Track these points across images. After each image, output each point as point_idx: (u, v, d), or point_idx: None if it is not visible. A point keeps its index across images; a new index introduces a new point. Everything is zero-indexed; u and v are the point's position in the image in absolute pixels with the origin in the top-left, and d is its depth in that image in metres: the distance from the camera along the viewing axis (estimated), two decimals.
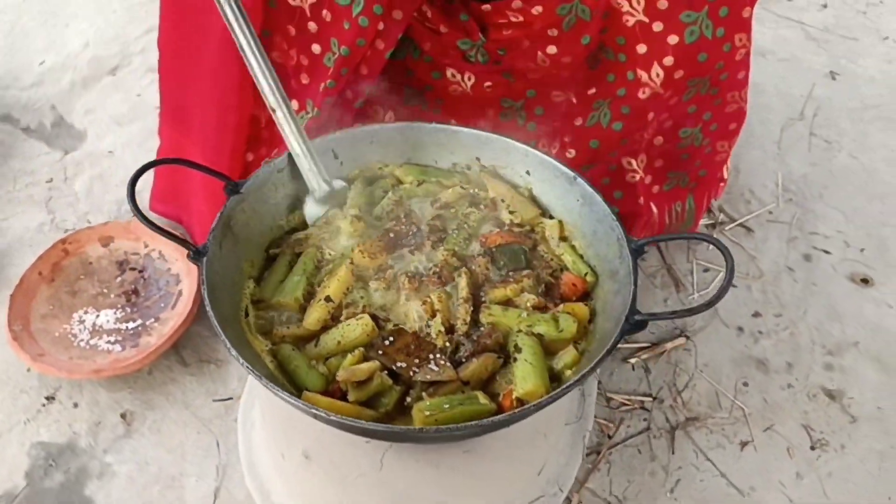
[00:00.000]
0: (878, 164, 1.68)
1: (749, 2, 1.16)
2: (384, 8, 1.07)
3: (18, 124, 1.66)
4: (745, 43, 1.21)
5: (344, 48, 1.09)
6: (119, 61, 1.78)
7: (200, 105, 1.16)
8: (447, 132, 1.03)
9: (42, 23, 1.85)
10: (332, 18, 1.09)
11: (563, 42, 1.16)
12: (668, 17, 1.14)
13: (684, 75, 1.19)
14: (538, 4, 1.16)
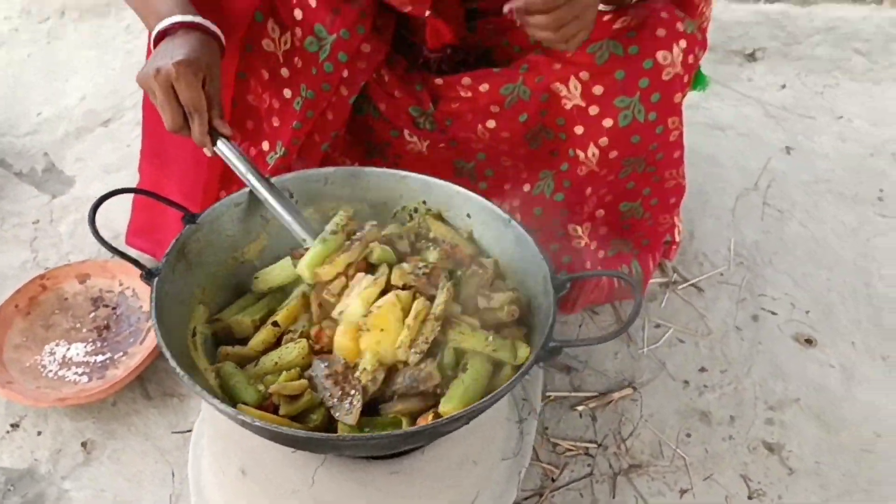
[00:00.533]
0: (827, 234, 1.75)
1: (680, 88, 1.26)
2: (349, 56, 1.18)
3: (11, 169, 1.76)
4: (677, 125, 1.30)
5: (310, 91, 1.19)
6: (112, 114, 1.89)
7: (178, 143, 1.26)
8: (396, 177, 1.11)
9: (44, 77, 1.97)
10: (302, 65, 1.19)
11: (502, 118, 1.26)
12: (603, 101, 1.24)
13: (618, 155, 1.28)
14: (485, 82, 1.26)
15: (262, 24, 1.20)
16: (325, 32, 1.18)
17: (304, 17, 1.18)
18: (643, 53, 1.21)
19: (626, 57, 1.21)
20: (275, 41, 1.20)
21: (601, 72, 1.22)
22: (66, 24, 2.12)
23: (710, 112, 2.06)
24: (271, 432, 0.78)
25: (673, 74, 1.23)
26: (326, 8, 1.18)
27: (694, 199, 1.77)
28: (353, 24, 1.18)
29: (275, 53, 1.21)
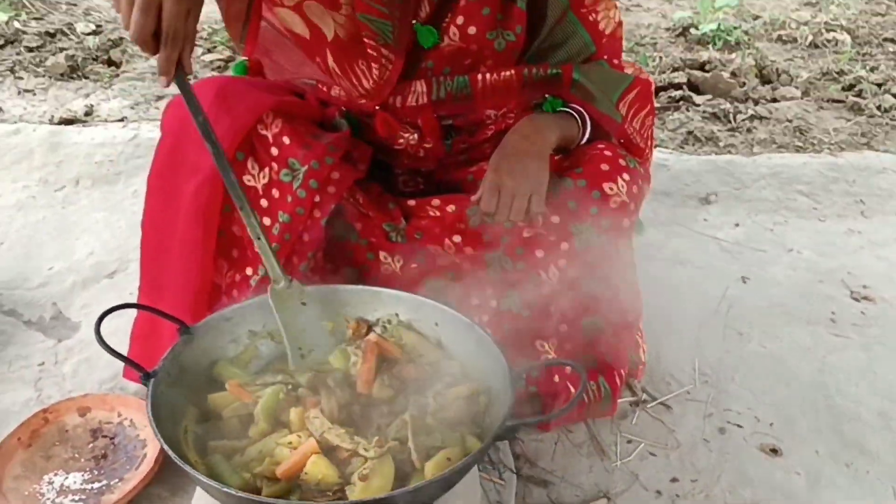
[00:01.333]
0: (784, 353, 1.87)
1: (627, 215, 1.42)
2: (319, 183, 1.35)
3: (21, 318, 1.89)
4: (629, 247, 1.46)
5: (286, 216, 1.35)
6: (118, 266, 2.05)
7: (172, 272, 1.40)
8: (371, 292, 1.25)
9: (56, 237, 2.15)
10: (279, 194, 1.36)
11: (467, 235, 1.42)
12: (559, 228, 1.40)
13: (576, 275, 1.43)
14: (452, 204, 1.44)
15: (242, 162, 1.37)
16: (297, 164, 1.36)
17: (280, 153, 1.37)
18: (590, 185, 1.39)
19: (576, 189, 1.39)
20: (254, 176, 1.38)
21: (556, 204, 1.39)
22: (79, 192, 2.33)
23: (671, 249, 2.23)
24: (252, 502, 0.87)
25: (619, 202, 1.40)
26: (298, 144, 1.36)
27: (659, 324, 1.90)
28: (322, 156, 1.37)
29: (255, 187, 1.38)
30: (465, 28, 1.40)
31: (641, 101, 1.56)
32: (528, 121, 1.43)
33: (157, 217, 1.44)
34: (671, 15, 4.03)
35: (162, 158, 1.42)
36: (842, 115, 3.03)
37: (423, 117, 1.48)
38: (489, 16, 1.40)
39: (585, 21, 1.47)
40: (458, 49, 1.42)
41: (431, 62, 1.44)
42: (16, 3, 3.38)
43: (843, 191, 2.46)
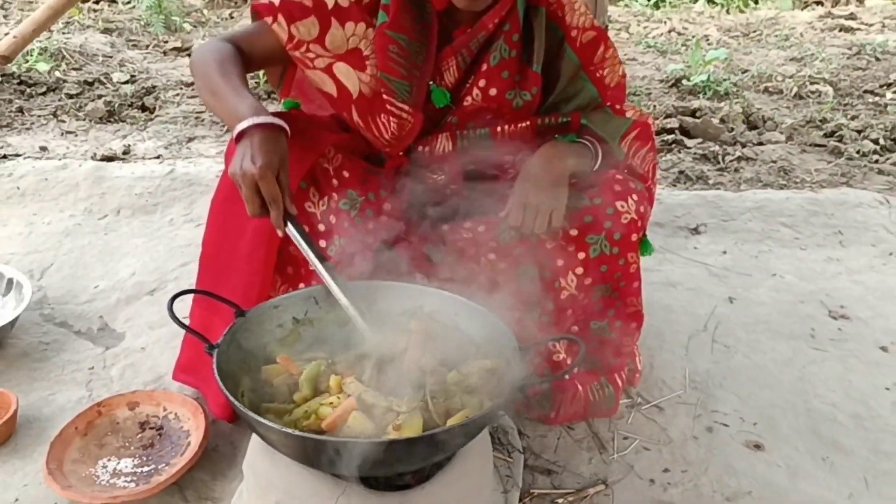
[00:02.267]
0: (767, 364, 2.04)
1: (636, 230, 1.61)
2: (374, 213, 1.56)
3: (72, 329, 2.08)
4: (635, 260, 1.64)
5: (343, 240, 1.52)
6: (157, 285, 2.24)
7: (231, 284, 1.57)
8: (399, 288, 1.44)
9: (101, 259, 2.35)
10: (336, 221, 1.54)
11: (500, 252, 1.61)
12: (577, 240, 1.59)
13: (592, 282, 1.62)
14: (482, 225, 1.63)
15: (305, 190, 1.55)
16: (356, 195, 1.55)
17: (340, 184, 1.56)
18: (605, 203, 1.58)
19: (592, 206, 1.59)
20: (314, 203, 1.55)
21: (574, 217, 1.58)
22: (120, 220, 2.53)
23: (663, 273, 2.42)
24: (295, 437, 1.05)
25: (629, 219, 1.59)
26: (357, 178, 1.57)
27: (653, 339, 2.08)
28: (378, 189, 1.58)
29: (315, 213, 1.56)
30: (487, 90, 1.61)
31: (642, 140, 1.74)
32: (548, 147, 1.62)
33: (220, 236, 1.60)
34: (665, 67, 4.30)
35: (227, 184, 1.57)
36: (823, 157, 3.25)
37: (448, 165, 1.67)
38: (508, 79, 1.62)
39: (593, 77, 1.69)
40: (480, 108, 1.63)
41: (456, 118, 1.65)
42: (56, 55, 3.64)
43: (822, 223, 2.66)
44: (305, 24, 1.53)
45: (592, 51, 1.68)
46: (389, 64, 1.56)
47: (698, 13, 5.86)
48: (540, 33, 1.63)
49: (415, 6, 1.58)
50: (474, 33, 1.59)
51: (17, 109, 3.18)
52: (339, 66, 1.56)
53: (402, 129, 1.60)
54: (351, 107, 1.59)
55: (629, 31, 5.25)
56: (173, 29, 4.37)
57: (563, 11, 1.65)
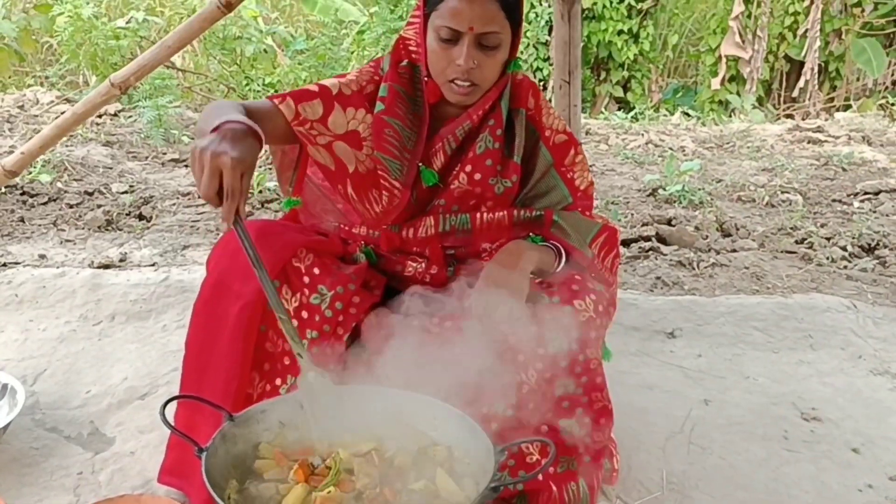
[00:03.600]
0: (742, 465, 2.10)
1: (595, 329, 1.69)
2: (343, 305, 1.65)
3: (63, 434, 2.12)
4: (595, 355, 1.72)
5: (314, 332, 1.63)
6: (148, 390, 2.30)
7: (212, 383, 1.66)
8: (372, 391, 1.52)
9: (94, 364, 2.41)
10: (308, 315, 1.65)
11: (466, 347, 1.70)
12: (537, 337, 1.68)
13: (552, 376, 1.69)
14: (450, 321, 1.73)
15: (278, 289, 1.64)
16: (325, 290, 1.67)
17: (311, 281, 1.68)
18: (563, 302, 1.68)
19: (551, 304, 1.69)
20: (287, 300, 1.67)
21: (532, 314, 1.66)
22: (114, 326, 2.61)
23: (640, 376, 2.50)
24: None
25: (587, 317, 1.68)
26: (327, 273, 1.68)
27: (630, 441, 2.14)
28: (346, 283, 1.68)
29: (287, 310, 1.65)
30: (472, 175, 1.78)
31: (609, 245, 1.90)
32: (514, 244, 1.76)
33: (201, 336, 1.70)
34: (642, 178, 4.50)
35: (208, 288, 1.69)
36: (794, 264, 3.39)
37: (430, 247, 1.81)
38: (491, 167, 1.79)
39: (564, 178, 1.87)
40: (465, 191, 1.79)
41: (443, 200, 1.80)
42: (59, 167, 3.80)
43: (793, 327, 2.76)
44: (312, 104, 1.71)
45: (564, 152, 1.87)
46: (384, 145, 1.73)
47: (674, 125, 6.14)
48: (521, 130, 1.83)
49: (409, 99, 1.77)
50: (460, 122, 1.78)
51: (18, 219, 3.30)
52: (338, 145, 1.73)
53: (391, 203, 1.75)
54: (346, 180, 1.76)
55: (608, 143, 5.50)
56: (172, 141, 4.57)
57: (539, 115, 1.87)
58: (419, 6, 1.76)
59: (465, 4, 1.65)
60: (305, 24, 8.72)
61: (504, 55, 1.73)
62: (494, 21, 1.67)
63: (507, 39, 1.72)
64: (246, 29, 5.81)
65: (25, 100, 5.27)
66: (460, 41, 1.67)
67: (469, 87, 1.71)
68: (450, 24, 1.66)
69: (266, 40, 6.81)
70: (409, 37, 1.80)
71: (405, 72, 1.78)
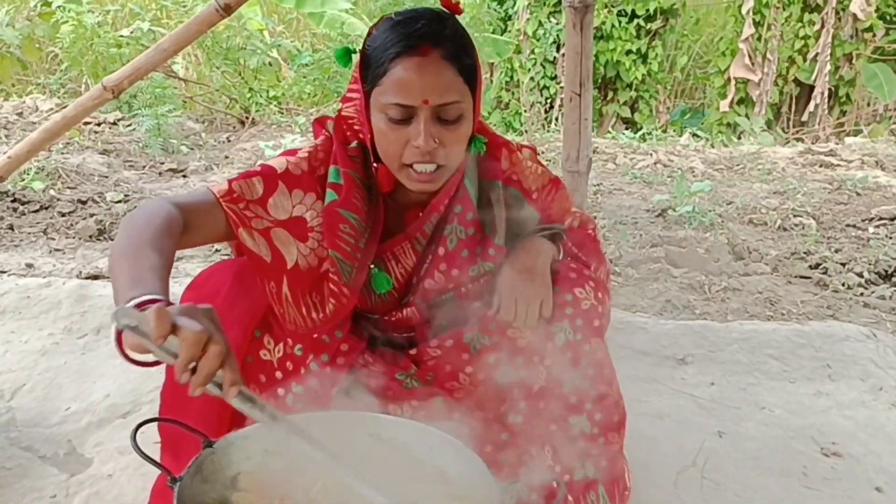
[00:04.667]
0: (758, 502, 1.97)
1: (597, 316, 1.59)
2: (330, 356, 1.52)
3: (38, 453, 2.00)
4: (600, 346, 1.61)
5: (300, 387, 1.48)
6: (131, 408, 2.18)
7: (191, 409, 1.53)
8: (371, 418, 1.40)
9: (75, 380, 2.29)
10: (293, 367, 1.51)
11: (474, 362, 1.59)
12: (544, 331, 1.57)
13: (559, 371, 1.58)
14: (449, 339, 1.62)
15: (259, 339, 1.51)
16: (311, 338, 1.51)
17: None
18: (563, 291, 1.59)
19: (554, 294, 1.58)
20: (270, 351, 1.51)
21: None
22: (99, 340, 2.49)
23: (650, 405, 2.37)
24: None
25: (589, 305, 1.58)
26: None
27: (640, 472, 2.00)
28: (332, 331, 1.53)
29: (271, 361, 1.52)
30: (449, 272, 1.61)
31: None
32: (528, 241, 1.64)
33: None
34: (650, 198, 4.40)
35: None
36: (809, 289, 3.27)
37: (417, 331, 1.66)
38: (468, 257, 1.61)
39: (544, 215, 1.72)
40: (441, 287, 1.62)
41: (420, 299, 1.63)
42: (52, 174, 3.71)
43: (810, 356, 2.63)
44: (249, 182, 1.46)
45: (549, 200, 1.74)
46: (339, 243, 1.49)
47: (683, 146, 6.04)
48: (499, 207, 1.62)
49: (364, 187, 1.54)
50: (426, 217, 1.59)
51: (7, 227, 3.20)
52: (277, 232, 1.46)
53: (337, 312, 1.51)
54: (283, 278, 1.47)
55: (616, 162, 5.40)
56: (171, 151, 4.48)
57: (520, 177, 1.67)
58: (355, 80, 1.51)
59: (413, 75, 1.39)
60: (311, 38, 8.66)
61: (468, 128, 1.48)
62: (452, 89, 1.42)
63: (469, 109, 1.46)
64: (249, 40, 5.73)
65: (24, 107, 5.19)
66: (415, 118, 1.41)
67: (433, 173, 1.46)
68: (399, 101, 1.40)
69: (271, 53, 6.74)
70: (349, 115, 1.54)
71: (356, 154, 1.54)
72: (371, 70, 1.45)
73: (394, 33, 1.43)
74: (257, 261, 1.45)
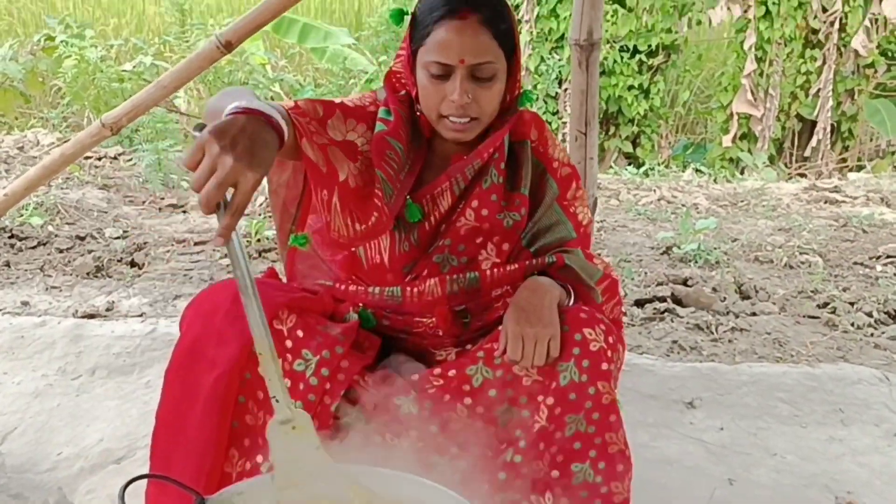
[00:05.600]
0: None
1: (606, 360, 1.54)
2: (330, 371, 1.49)
3: (27, 501, 1.94)
4: (608, 390, 1.56)
5: (298, 403, 1.46)
6: (125, 453, 2.12)
7: (183, 459, 1.48)
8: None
9: (68, 423, 2.24)
10: (291, 384, 1.49)
11: (475, 395, 1.55)
12: (548, 370, 1.54)
13: (562, 412, 1.53)
14: (453, 368, 1.58)
15: (259, 355, 1.50)
16: (310, 355, 1.51)
17: (294, 345, 1.52)
18: (572, 330, 1.55)
19: (562, 333, 1.55)
20: None
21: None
22: (94, 381, 2.44)
23: (658, 450, 2.31)
24: None
25: (598, 347, 1.54)
26: (311, 336, 1.53)
27: None
28: (333, 346, 1.53)
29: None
30: (480, 210, 1.67)
31: (611, 292, 1.80)
32: (533, 281, 1.64)
33: (173, 407, 1.53)
34: (655, 235, 4.35)
35: (181, 353, 1.53)
36: (818, 329, 3.21)
37: (437, 310, 1.67)
38: (496, 202, 1.68)
39: (567, 212, 1.76)
40: (472, 228, 1.67)
41: (448, 240, 1.67)
42: (51, 210, 3.67)
43: (821, 399, 2.57)
44: (311, 104, 1.59)
45: (568, 185, 1.78)
46: (384, 164, 1.61)
47: (687, 182, 6.01)
48: (527, 162, 1.73)
49: (412, 126, 1.67)
50: (470, 160, 1.66)
51: (3, 263, 3.16)
52: (332, 149, 1.57)
53: (376, 225, 1.59)
54: (334, 188, 1.55)
55: (619, 199, 5.36)
56: (171, 186, 4.45)
57: (545, 146, 1.77)
58: (405, 41, 1.67)
59: (453, 35, 1.55)
60: (314, 72, 8.70)
61: (501, 86, 1.64)
62: (487, 51, 1.57)
63: (503, 69, 1.62)
64: (252, 75, 5.74)
65: (26, 141, 5.18)
66: (452, 76, 1.57)
67: (467, 123, 1.61)
68: (439, 59, 1.56)
69: (273, 87, 6.75)
70: (398, 70, 1.71)
71: (404, 100, 1.69)
72: (418, 30, 1.61)
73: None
74: (314, 169, 1.52)
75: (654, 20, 8.35)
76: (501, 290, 1.70)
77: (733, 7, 8.36)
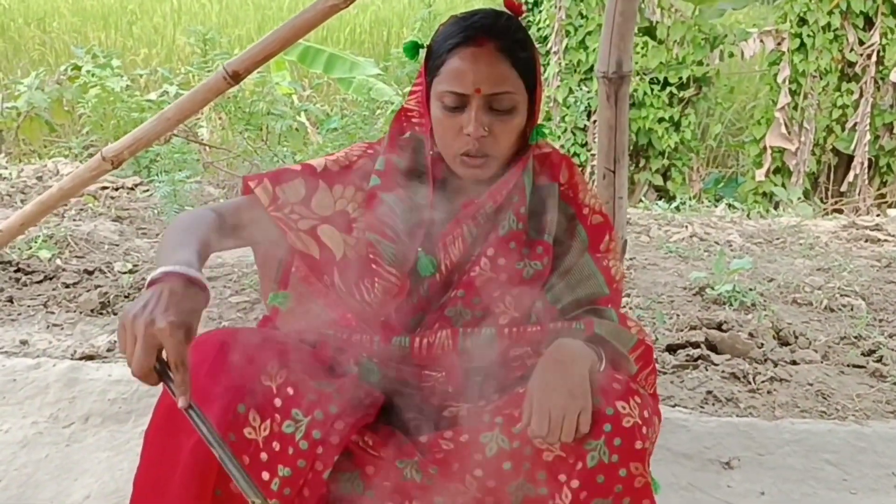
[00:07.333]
0: None
1: (640, 437, 1.38)
2: (322, 434, 1.33)
3: None
4: (641, 472, 1.39)
5: (286, 469, 1.32)
6: None
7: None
8: None
9: (55, 477, 2.09)
10: (280, 447, 1.34)
11: (487, 466, 1.38)
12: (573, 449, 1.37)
13: (588, 496, 1.36)
14: (465, 433, 1.41)
15: (244, 415, 1.37)
16: (301, 415, 1.37)
17: (284, 404, 1.38)
18: (605, 403, 1.38)
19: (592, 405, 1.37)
20: (255, 429, 1.37)
21: None
22: (86, 429, 2.30)
23: None
24: None
25: (632, 423, 1.37)
26: (302, 394, 1.38)
27: None
28: (326, 405, 1.38)
29: (255, 440, 1.37)
30: (496, 259, 1.52)
31: (645, 360, 1.61)
32: (562, 344, 1.46)
33: (151, 473, 1.41)
34: (687, 275, 4.15)
35: (161, 414, 1.42)
36: (864, 380, 2.99)
37: (447, 366, 1.51)
38: (515, 249, 1.53)
39: (600, 265, 1.59)
40: (488, 279, 1.52)
41: (461, 291, 1.52)
42: (60, 242, 3.57)
43: (872, 462, 2.36)
44: (292, 184, 1.52)
45: (600, 235, 1.62)
46: (378, 225, 1.52)
47: (719, 217, 5.80)
48: (553, 206, 1.60)
49: (409, 174, 1.56)
50: (481, 205, 1.53)
51: (7, 299, 3.05)
52: (323, 228, 1.52)
53: (388, 294, 1.49)
54: (333, 269, 1.51)
55: (650, 235, 5.17)
56: None
57: (575, 191, 1.64)
58: (420, 74, 1.57)
59: (468, 64, 1.45)
60: (341, 102, 8.65)
61: (521, 120, 1.52)
62: (505, 81, 1.47)
63: (523, 101, 1.50)
64: (274, 105, 5.66)
65: (45, 171, 5.13)
66: (467, 107, 1.46)
67: (482, 160, 1.49)
68: (453, 89, 1.46)
69: (298, 117, 6.67)
70: (411, 108, 1.60)
71: (406, 144, 1.58)
72: (432, 62, 1.52)
73: (454, 27, 1.51)
74: (308, 259, 1.51)
75: (685, 52, 8.22)
76: (521, 352, 1.53)
77: (766, 40, 8.21)
